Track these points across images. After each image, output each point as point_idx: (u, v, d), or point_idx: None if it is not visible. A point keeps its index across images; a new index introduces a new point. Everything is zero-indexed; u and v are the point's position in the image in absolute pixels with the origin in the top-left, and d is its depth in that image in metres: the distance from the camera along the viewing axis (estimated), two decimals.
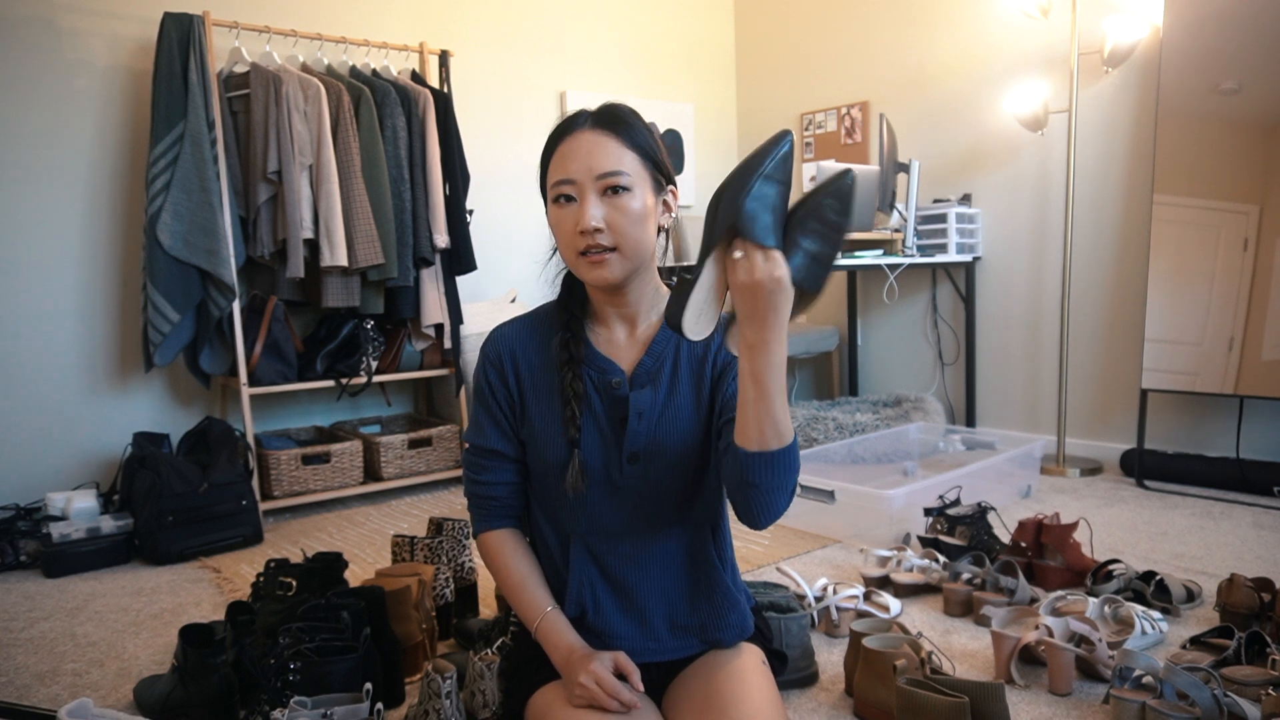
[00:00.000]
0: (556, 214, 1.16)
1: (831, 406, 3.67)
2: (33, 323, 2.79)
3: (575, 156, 1.14)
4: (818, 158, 4.25)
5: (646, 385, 1.22)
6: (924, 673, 1.38)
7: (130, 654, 1.84)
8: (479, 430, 1.29)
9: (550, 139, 1.19)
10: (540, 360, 1.25)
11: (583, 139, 1.14)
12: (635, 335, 1.24)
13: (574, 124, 1.17)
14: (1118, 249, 3.26)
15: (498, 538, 1.29)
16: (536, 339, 1.26)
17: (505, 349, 1.27)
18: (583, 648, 1.19)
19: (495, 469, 1.29)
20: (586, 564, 1.25)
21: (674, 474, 1.21)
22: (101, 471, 2.90)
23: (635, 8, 4.23)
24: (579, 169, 1.13)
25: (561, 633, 1.21)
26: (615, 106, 1.18)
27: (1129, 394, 3.23)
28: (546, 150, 1.19)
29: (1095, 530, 2.47)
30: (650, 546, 1.25)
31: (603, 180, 1.13)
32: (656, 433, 1.21)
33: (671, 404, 1.21)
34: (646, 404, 1.21)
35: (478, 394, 1.29)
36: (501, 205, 3.79)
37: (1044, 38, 3.37)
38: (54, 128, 2.79)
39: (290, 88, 2.80)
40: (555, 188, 1.15)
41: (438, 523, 1.98)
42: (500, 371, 1.26)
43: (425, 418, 3.53)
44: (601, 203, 1.13)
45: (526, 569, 1.27)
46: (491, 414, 1.27)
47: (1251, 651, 1.53)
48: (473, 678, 1.40)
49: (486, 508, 1.30)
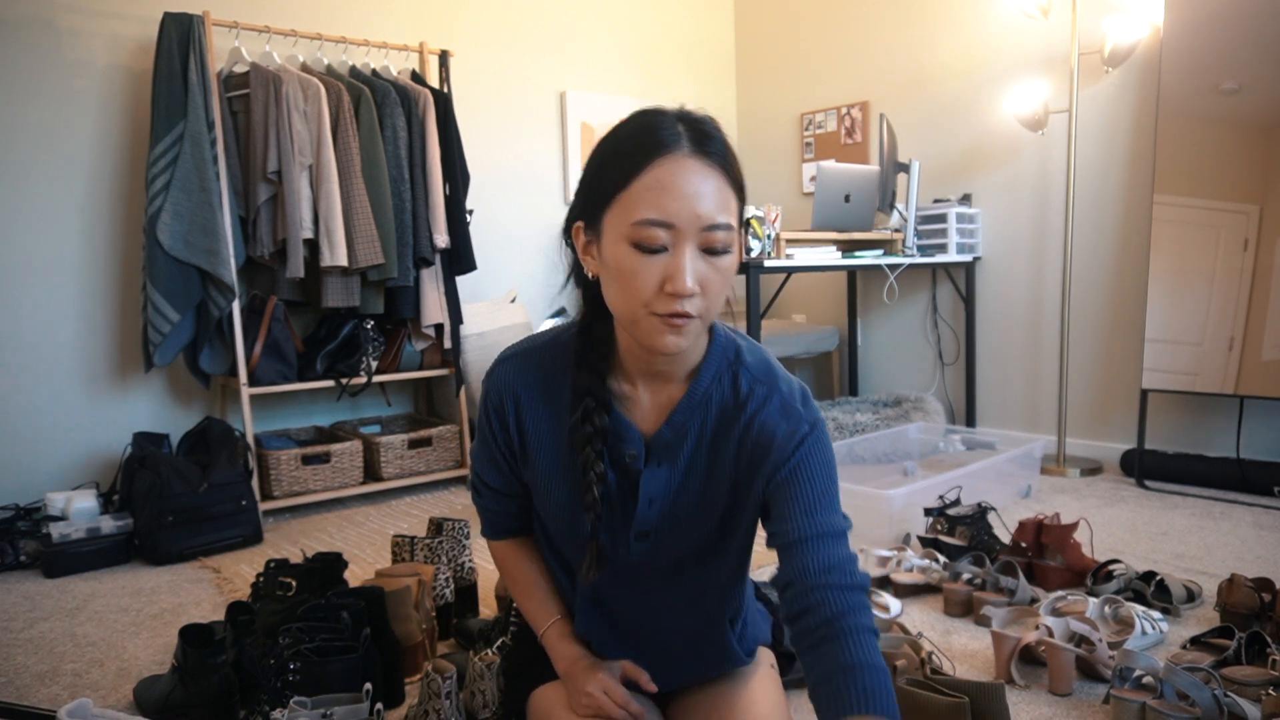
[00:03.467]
0: (633, 260, 0.91)
1: (831, 406, 3.67)
2: (33, 323, 2.79)
3: (676, 193, 0.89)
4: (818, 158, 4.25)
5: (663, 463, 1.06)
6: (924, 673, 1.38)
7: (130, 654, 1.84)
8: (480, 460, 1.20)
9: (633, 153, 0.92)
10: (547, 410, 1.09)
11: (684, 169, 0.90)
12: (658, 397, 1.07)
13: (667, 143, 0.91)
14: (1118, 249, 3.26)
15: (505, 546, 1.26)
16: (543, 384, 1.09)
17: (507, 392, 1.11)
18: (587, 656, 1.18)
19: (496, 498, 1.22)
20: (592, 606, 1.18)
21: (685, 551, 1.11)
22: (101, 471, 2.90)
23: (635, 8, 4.23)
24: (683, 212, 0.90)
25: (566, 642, 1.19)
26: (710, 123, 0.95)
27: (1129, 394, 3.23)
28: (626, 165, 0.92)
29: (1095, 530, 2.47)
30: (661, 602, 1.16)
31: (707, 234, 0.91)
32: (669, 514, 1.09)
33: (688, 484, 1.08)
34: (660, 488, 1.07)
35: (479, 427, 1.18)
36: (501, 205, 3.79)
37: (1044, 38, 3.37)
38: (54, 128, 2.79)
39: (290, 88, 2.80)
40: (642, 228, 0.90)
41: (438, 523, 1.98)
42: (501, 417, 1.12)
43: (425, 418, 3.53)
44: (700, 258, 0.92)
45: (533, 578, 1.24)
46: (491, 454, 1.17)
47: (1252, 651, 1.53)
48: (473, 678, 1.40)
49: (492, 523, 1.26)
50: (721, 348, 1.07)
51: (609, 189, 0.93)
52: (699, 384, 1.05)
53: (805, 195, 4.31)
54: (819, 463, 1.05)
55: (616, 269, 0.93)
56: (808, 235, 3.13)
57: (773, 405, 1.05)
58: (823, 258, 3.14)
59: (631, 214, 0.90)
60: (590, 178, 0.97)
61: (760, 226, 2.87)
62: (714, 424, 1.06)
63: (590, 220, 0.96)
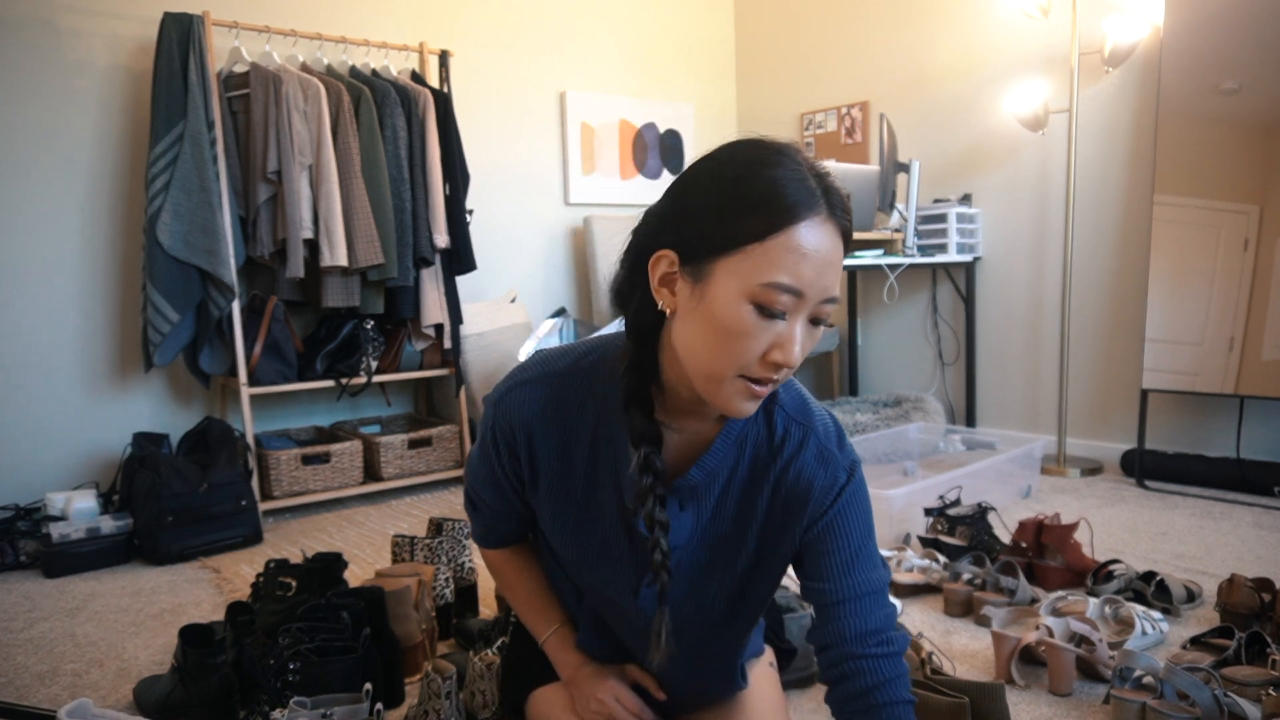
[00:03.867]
0: (750, 321, 0.82)
1: (832, 406, 3.68)
2: (33, 322, 2.79)
3: (814, 262, 0.82)
4: (818, 157, 4.22)
5: (688, 506, 0.98)
6: (924, 673, 1.38)
7: (130, 654, 1.84)
8: (478, 478, 1.11)
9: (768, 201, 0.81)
10: (559, 443, 1.00)
11: (823, 235, 0.82)
12: (687, 436, 0.98)
13: (810, 203, 0.82)
14: (1118, 249, 3.26)
15: (501, 555, 1.23)
16: (558, 416, 1.00)
17: (519, 424, 1.01)
18: (591, 663, 1.17)
19: (493, 515, 1.16)
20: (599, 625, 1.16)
21: (700, 605, 1.04)
22: (101, 471, 2.90)
23: (635, 8, 4.23)
24: (816, 282, 0.82)
25: (570, 650, 1.19)
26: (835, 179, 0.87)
27: (1129, 394, 3.23)
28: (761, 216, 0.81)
29: (1095, 530, 2.47)
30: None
31: (823, 306, 0.85)
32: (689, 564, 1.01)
33: (711, 531, 1.00)
34: (685, 533, 0.99)
35: (483, 445, 1.08)
36: (501, 205, 3.79)
37: (1044, 38, 3.37)
38: (54, 128, 2.79)
39: (290, 88, 2.80)
40: (771, 291, 0.81)
41: (438, 523, 1.98)
42: (510, 447, 1.03)
43: (425, 418, 3.53)
44: (806, 327, 0.85)
45: (532, 585, 1.22)
46: (493, 476, 1.08)
47: (1252, 651, 1.53)
48: (473, 678, 1.40)
49: (486, 535, 1.22)
50: None
51: (738, 236, 0.82)
52: (734, 424, 0.96)
53: None
54: (857, 513, 1.00)
55: (724, 324, 0.82)
56: None
57: (809, 450, 0.98)
58: None
59: (764, 273, 0.81)
60: (705, 212, 0.84)
61: None
62: (747, 468, 0.98)
63: (692, 257, 0.84)
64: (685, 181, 0.88)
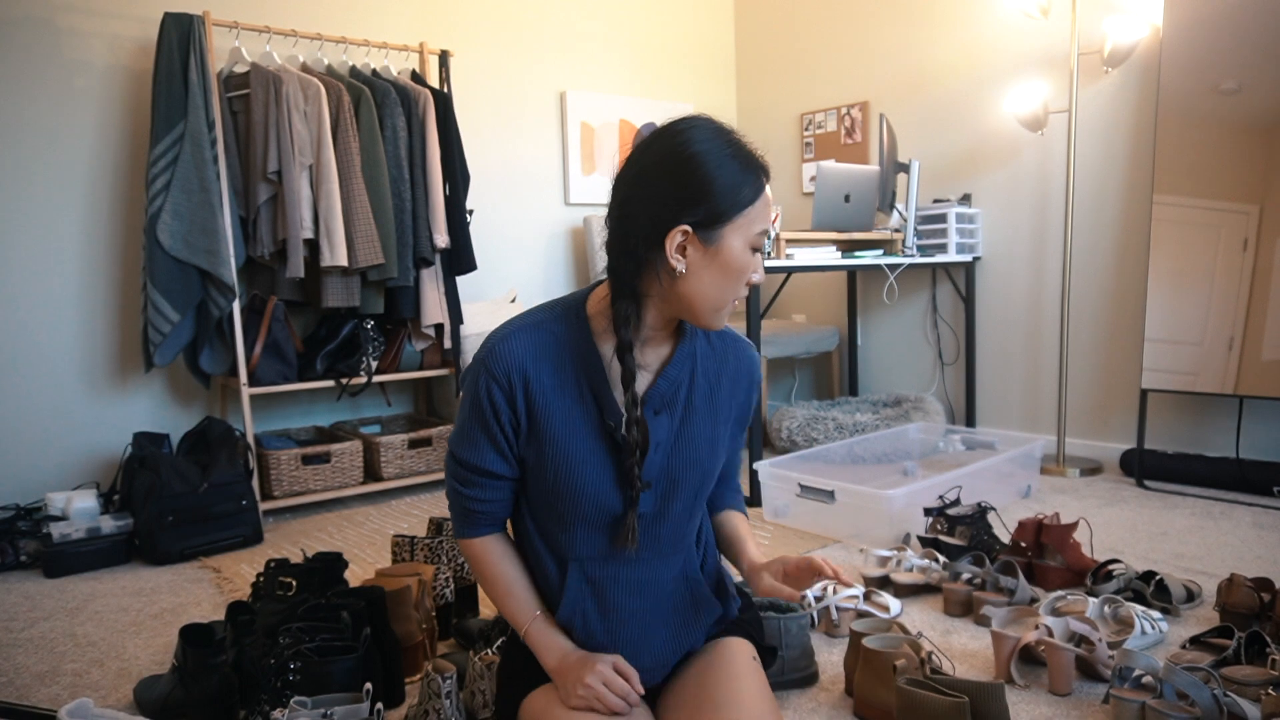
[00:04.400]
0: (744, 258, 1.13)
1: (831, 406, 3.68)
2: (33, 323, 2.79)
3: (769, 212, 1.16)
4: (818, 158, 4.25)
5: (662, 411, 1.19)
6: (924, 673, 1.38)
7: (130, 654, 1.84)
8: (474, 447, 1.20)
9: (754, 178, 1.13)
10: (554, 381, 1.16)
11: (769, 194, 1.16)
12: (648, 359, 1.20)
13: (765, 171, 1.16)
14: (1118, 249, 3.26)
15: (483, 544, 1.26)
16: (550, 356, 1.17)
17: (515, 368, 1.15)
18: (575, 651, 1.19)
19: (487, 487, 1.23)
20: (582, 590, 1.21)
21: (683, 499, 1.22)
22: (101, 471, 2.90)
23: (635, 8, 4.23)
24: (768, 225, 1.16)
25: (552, 636, 1.21)
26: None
27: (1129, 394, 3.23)
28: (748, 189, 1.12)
29: (1095, 530, 2.47)
30: (648, 573, 1.23)
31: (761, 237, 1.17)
32: (671, 461, 1.20)
33: (685, 431, 1.21)
34: (664, 433, 1.19)
35: (475, 410, 1.18)
36: (501, 205, 3.79)
37: (1044, 38, 3.37)
38: (54, 128, 2.79)
39: (290, 88, 2.80)
40: (760, 236, 1.14)
41: (438, 523, 1.98)
42: (509, 394, 1.16)
43: (425, 418, 3.53)
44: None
45: (514, 575, 1.25)
46: (490, 435, 1.18)
47: (1251, 651, 1.53)
48: (473, 678, 1.40)
49: (472, 520, 1.25)
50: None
51: (739, 204, 1.11)
52: (687, 343, 1.22)
53: (805, 195, 4.31)
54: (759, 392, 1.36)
55: (735, 266, 1.12)
56: (808, 235, 3.13)
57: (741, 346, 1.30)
58: (823, 258, 3.14)
59: (756, 224, 1.13)
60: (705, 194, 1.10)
61: None
62: (701, 376, 1.23)
63: (706, 226, 1.10)
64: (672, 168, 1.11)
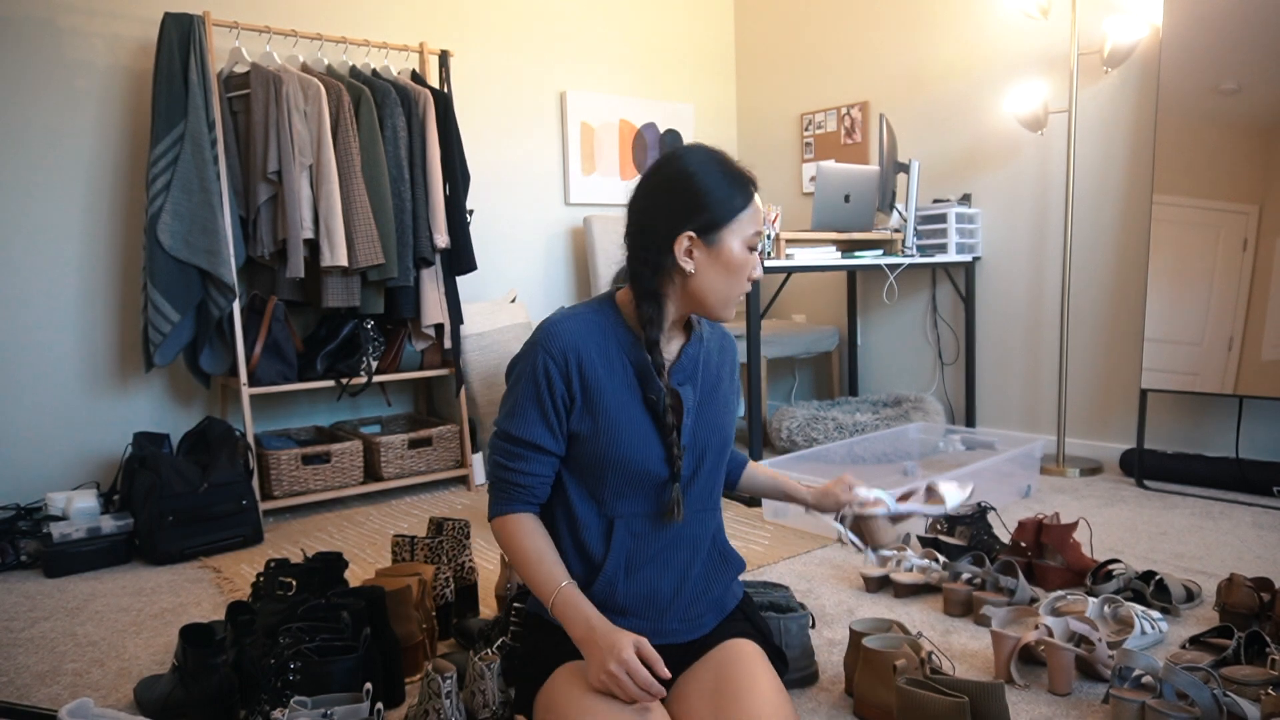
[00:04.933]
0: (743, 257, 1.30)
1: (831, 406, 3.68)
2: (33, 323, 2.79)
3: (759, 216, 1.33)
4: (818, 158, 4.25)
5: (686, 383, 1.35)
6: (924, 673, 1.39)
7: (130, 654, 1.84)
8: (524, 421, 1.29)
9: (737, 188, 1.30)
10: (606, 365, 1.30)
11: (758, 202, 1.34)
12: (670, 346, 1.37)
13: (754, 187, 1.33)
14: (1118, 249, 3.26)
15: (517, 519, 1.30)
16: (600, 343, 1.31)
17: (570, 347, 1.28)
18: (603, 624, 1.19)
19: (533, 460, 1.29)
20: (626, 546, 1.31)
21: (711, 460, 1.38)
22: (101, 471, 2.90)
23: (635, 8, 4.23)
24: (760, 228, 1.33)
25: (580, 606, 1.21)
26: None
27: (1129, 394, 3.23)
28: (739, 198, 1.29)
29: (1095, 530, 2.47)
30: (686, 530, 1.35)
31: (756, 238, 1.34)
32: (699, 426, 1.35)
33: (706, 400, 1.38)
34: (691, 401, 1.35)
35: (530, 384, 1.28)
36: (501, 205, 3.79)
37: (1044, 38, 3.37)
38: (54, 128, 2.79)
39: (290, 88, 2.80)
40: (754, 237, 1.32)
41: (438, 523, 1.98)
42: (564, 370, 1.27)
43: (425, 418, 3.53)
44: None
45: (544, 546, 1.28)
46: (542, 408, 1.28)
47: (1251, 651, 1.53)
48: (473, 678, 1.40)
49: (512, 494, 1.31)
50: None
51: (734, 209, 1.29)
52: (700, 333, 1.41)
53: (805, 195, 4.31)
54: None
55: (736, 264, 1.30)
56: (807, 235, 3.14)
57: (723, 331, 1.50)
58: (822, 258, 3.14)
59: (749, 227, 1.30)
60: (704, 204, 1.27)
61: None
62: (707, 354, 1.42)
63: (707, 231, 1.28)
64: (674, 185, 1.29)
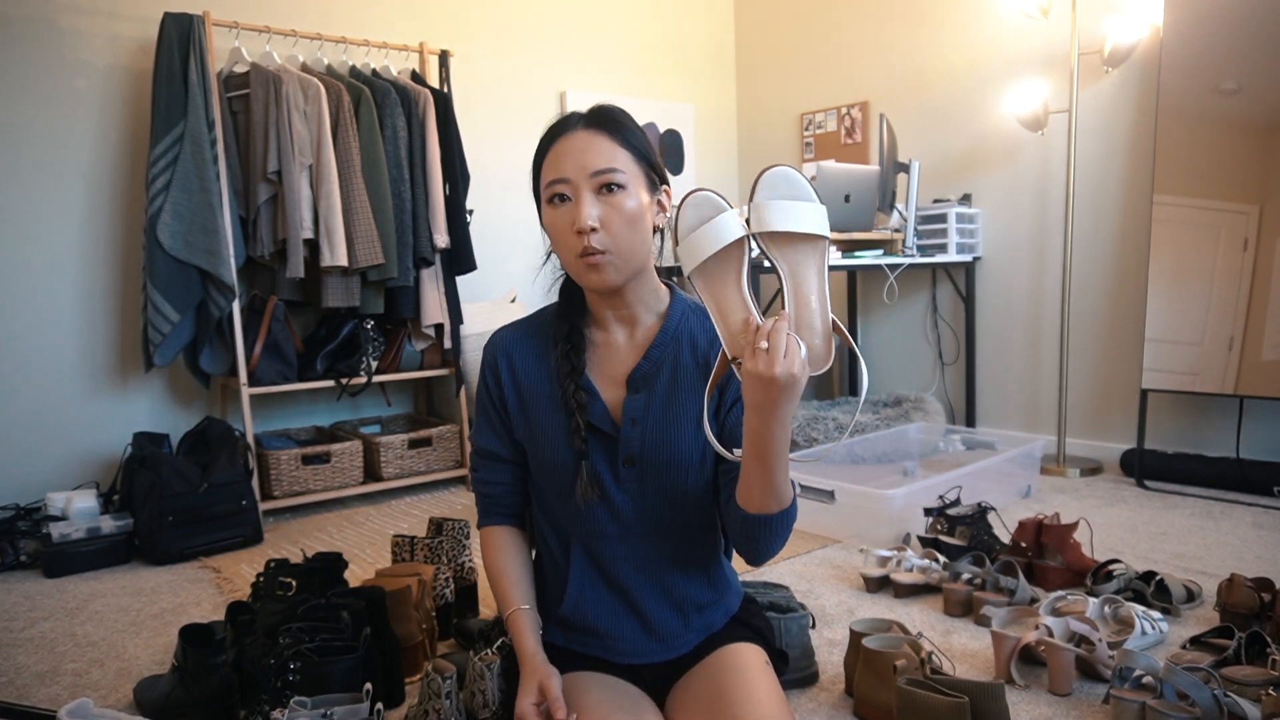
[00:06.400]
0: (551, 215, 1.16)
1: (831, 406, 3.67)
2: (33, 322, 2.79)
3: (568, 155, 1.13)
4: (818, 158, 4.25)
5: (641, 390, 1.22)
6: (924, 673, 1.38)
7: (130, 654, 1.84)
8: (478, 430, 1.34)
9: (542, 141, 1.18)
10: (538, 365, 1.27)
11: (576, 139, 1.14)
12: (635, 338, 1.25)
13: (566, 125, 1.16)
14: (1118, 249, 3.26)
15: (492, 533, 1.35)
16: (534, 343, 1.29)
17: (501, 353, 1.29)
18: (530, 659, 1.20)
19: (492, 468, 1.34)
20: (586, 566, 1.27)
21: (671, 478, 1.22)
22: (101, 471, 2.90)
23: (635, 8, 4.23)
24: (572, 167, 1.13)
25: (520, 634, 1.24)
26: (607, 107, 1.19)
27: (1129, 394, 3.23)
28: (539, 152, 1.18)
29: (1095, 530, 2.47)
30: (650, 549, 1.25)
31: (597, 178, 1.12)
32: (653, 438, 1.21)
33: (670, 409, 1.21)
34: (639, 409, 1.22)
35: (481, 393, 1.33)
36: (501, 205, 3.79)
37: (1044, 38, 3.37)
38: (54, 128, 2.79)
39: (290, 88, 2.80)
40: (549, 188, 1.15)
41: (438, 523, 1.98)
42: (496, 375, 1.29)
43: (425, 418, 3.53)
44: (596, 201, 1.13)
45: (506, 564, 1.31)
46: (488, 416, 1.32)
47: (1251, 651, 1.53)
48: (473, 678, 1.40)
49: (485, 505, 1.36)
50: (681, 298, 1.29)
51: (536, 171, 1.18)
52: (670, 322, 1.24)
53: None
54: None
55: (547, 228, 1.18)
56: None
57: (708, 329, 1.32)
58: None
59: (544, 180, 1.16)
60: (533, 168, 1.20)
61: None
62: (688, 353, 1.23)
63: (538, 200, 1.19)
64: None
